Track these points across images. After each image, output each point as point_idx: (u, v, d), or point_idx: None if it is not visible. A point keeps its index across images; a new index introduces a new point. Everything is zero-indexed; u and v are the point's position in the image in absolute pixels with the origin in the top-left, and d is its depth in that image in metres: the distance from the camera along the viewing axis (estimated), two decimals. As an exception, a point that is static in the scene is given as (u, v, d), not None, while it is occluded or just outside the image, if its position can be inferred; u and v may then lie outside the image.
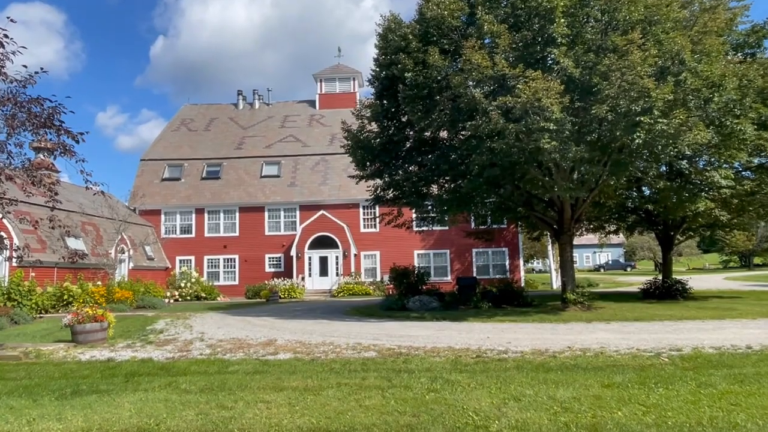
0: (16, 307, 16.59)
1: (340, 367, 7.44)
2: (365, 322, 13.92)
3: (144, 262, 28.86)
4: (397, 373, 7.01)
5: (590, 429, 4.67)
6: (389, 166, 16.88)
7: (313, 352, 8.83)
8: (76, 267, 22.41)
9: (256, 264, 31.69)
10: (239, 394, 5.97)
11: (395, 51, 14.90)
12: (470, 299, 17.64)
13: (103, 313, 10.85)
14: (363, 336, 10.87)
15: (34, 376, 7.49)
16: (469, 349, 8.84)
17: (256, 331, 11.99)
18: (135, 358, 8.63)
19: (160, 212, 32.51)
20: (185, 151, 35.31)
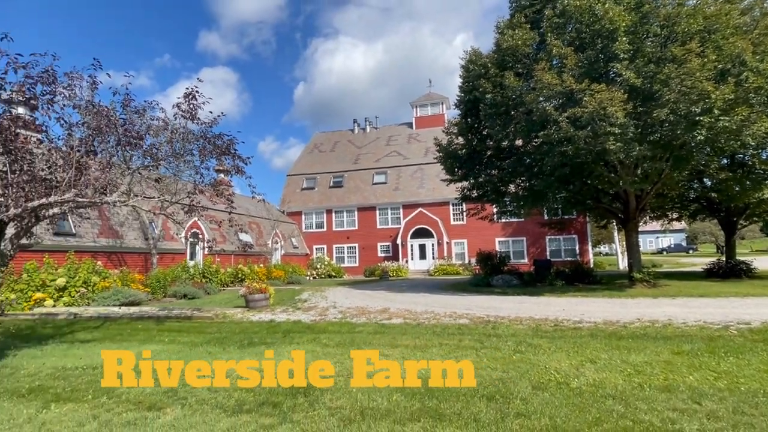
0: (207, 283, 18.44)
1: (440, 331, 7.37)
2: (458, 296, 13.69)
3: (291, 250, 30.79)
4: (487, 336, 6.80)
5: (663, 390, 4.18)
6: (473, 171, 16.40)
7: (418, 319, 8.83)
8: (245, 254, 24.49)
9: (371, 250, 32.50)
10: (366, 349, 6.13)
11: (476, 78, 14.43)
12: (545, 278, 16.65)
13: (265, 286, 11.72)
14: (457, 306, 10.69)
15: (222, 331, 8.18)
16: (547, 319, 8.35)
17: (374, 302, 12.26)
18: (289, 320, 9.16)
19: (301, 213, 34.53)
20: (317, 167, 37.11)
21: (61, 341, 7.51)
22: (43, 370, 5.66)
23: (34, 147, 6.27)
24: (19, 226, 6.15)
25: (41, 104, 6.13)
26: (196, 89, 7.19)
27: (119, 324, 9.34)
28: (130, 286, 14.59)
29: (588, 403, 3.90)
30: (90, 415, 4.02)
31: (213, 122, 7.52)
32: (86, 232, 15.65)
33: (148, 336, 7.81)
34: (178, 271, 17.24)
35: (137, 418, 3.89)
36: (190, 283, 16.67)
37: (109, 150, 7.04)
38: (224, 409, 4.02)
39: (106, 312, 10.83)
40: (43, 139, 6.73)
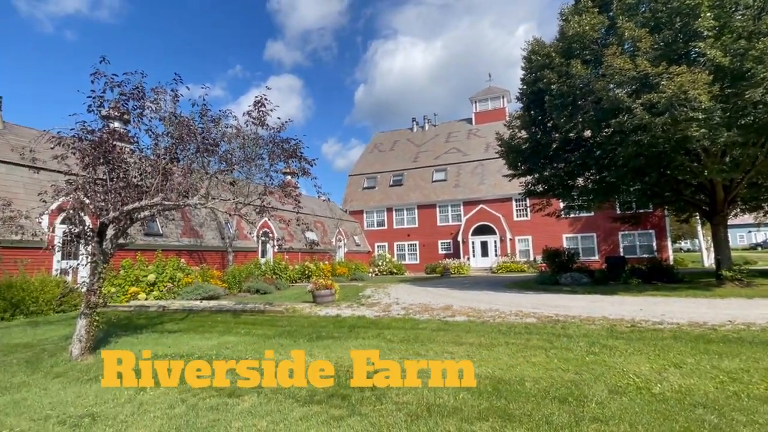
0: (277, 279, 19.36)
1: (506, 329, 7.13)
2: (523, 294, 13.19)
3: (353, 247, 31.45)
4: (556, 336, 6.48)
5: (765, 401, 3.73)
6: (538, 165, 15.69)
7: (483, 316, 8.62)
8: (311, 251, 25.41)
9: (431, 247, 32.31)
10: (429, 345, 6.10)
11: (539, 68, 13.78)
12: (619, 276, 15.54)
13: (331, 283, 12.06)
14: (523, 305, 10.30)
15: (292, 324, 8.55)
16: (623, 319, 7.77)
17: (436, 299, 12.16)
18: (354, 315, 9.35)
19: (362, 212, 35.14)
20: (377, 166, 37.54)
21: (153, 331, 8.25)
22: (139, 356, 6.25)
23: (128, 157, 6.94)
24: (117, 227, 6.83)
25: (133, 118, 6.78)
26: (265, 97, 7.57)
27: (201, 316, 10.07)
28: (209, 281, 15.70)
29: (674, 410, 3.57)
30: (178, 398, 4.37)
31: (281, 128, 7.88)
32: (171, 233, 17.08)
33: (226, 328, 8.36)
34: (251, 268, 18.27)
35: (219, 403, 4.17)
36: (262, 279, 17.60)
37: (190, 157, 7.61)
38: (296, 399, 4.19)
39: (189, 305, 11.74)
40: (135, 149, 7.43)
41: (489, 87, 38.47)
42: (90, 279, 6.67)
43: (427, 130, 40.65)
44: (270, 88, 7.76)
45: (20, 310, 10.93)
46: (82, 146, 6.58)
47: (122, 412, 4.06)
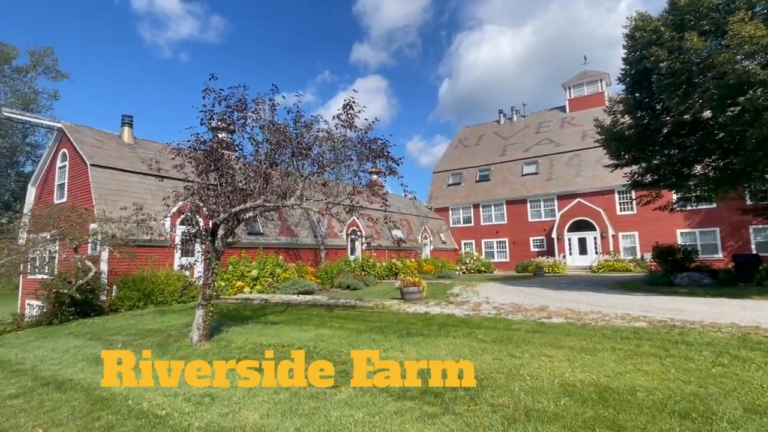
0: (366, 275, 19.99)
1: (611, 333, 6.55)
2: (629, 295, 12.01)
3: (439, 245, 31.27)
4: (673, 344, 5.79)
5: None
6: (645, 153, 14.13)
7: (583, 319, 8.02)
8: (398, 249, 25.78)
9: (522, 245, 30.87)
10: (524, 347, 5.84)
11: (645, 45, 12.39)
12: (751, 277, 13.45)
13: (419, 280, 12.14)
14: (629, 307, 9.39)
15: (382, 320, 8.72)
16: (759, 327, 6.69)
17: (529, 299, 11.61)
18: (443, 313, 9.29)
19: (448, 209, 34.78)
20: (462, 162, 36.86)
21: (257, 322, 9.02)
22: (247, 345, 6.88)
23: (234, 163, 7.67)
24: (226, 227, 7.59)
25: (237, 128, 7.47)
26: (353, 100, 7.86)
27: (298, 310, 10.78)
28: (304, 277, 16.74)
29: (834, 439, 3.00)
30: (282, 386, 4.73)
31: (368, 128, 8.11)
32: (270, 232, 18.51)
33: (321, 321, 8.84)
34: (342, 265, 19.11)
35: (318, 393, 4.43)
36: (352, 276, 18.31)
37: (286, 161, 8.18)
38: (390, 393, 4.29)
39: (287, 299, 12.63)
40: (239, 156, 8.16)
41: (584, 71, 35.63)
42: (204, 274, 7.51)
43: (515, 121, 38.90)
44: (357, 90, 8.02)
45: (150, 300, 12.67)
46: (197, 155, 7.43)
47: (236, 394, 4.51)
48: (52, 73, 31.90)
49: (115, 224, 12.02)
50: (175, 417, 3.93)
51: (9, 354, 7.17)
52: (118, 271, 13.11)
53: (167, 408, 4.17)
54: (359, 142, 8.04)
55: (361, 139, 8.04)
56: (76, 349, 7.25)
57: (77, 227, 12.32)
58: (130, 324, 9.55)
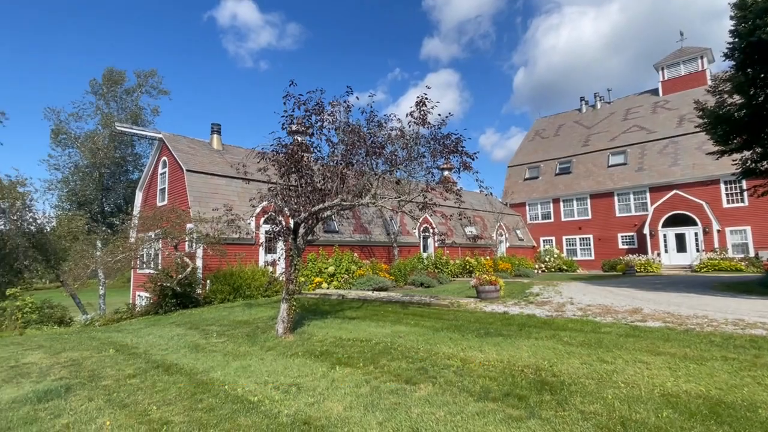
0: (439, 273, 19.86)
1: (721, 341, 5.84)
2: (741, 298, 10.62)
3: (516, 242, 30.12)
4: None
5: None
6: (759, 137, 12.40)
7: (685, 323, 7.24)
8: (471, 246, 25.27)
9: (609, 242, 28.66)
10: (616, 352, 5.42)
11: (759, 14, 10.85)
12: None
13: (495, 278, 11.79)
14: (743, 312, 8.30)
15: (458, 319, 8.63)
16: None
17: (619, 300, 10.74)
18: (522, 313, 8.94)
19: (524, 204, 33.34)
20: (540, 154, 35.12)
21: (336, 317, 9.37)
22: (327, 338, 7.17)
23: (313, 164, 8.02)
24: (306, 226, 7.97)
25: (315, 130, 7.80)
26: (425, 96, 7.83)
27: (374, 306, 11.00)
28: (378, 274, 17.05)
29: None
30: (362, 380, 4.86)
31: (441, 124, 8.04)
32: (345, 230, 19.11)
33: (397, 318, 8.95)
34: (415, 262, 19.17)
35: (398, 388, 4.49)
36: (425, 273, 18.29)
37: (360, 160, 8.38)
38: (471, 393, 4.23)
39: (363, 295, 12.95)
40: (317, 157, 8.51)
41: (681, 48, 32.10)
42: (287, 270, 7.95)
43: (599, 108, 36.19)
44: (430, 87, 8.03)
45: (239, 293, 13.71)
46: (278, 159, 7.88)
47: (320, 385, 4.72)
48: (155, 91, 35.75)
49: (208, 224, 13.18)
50: (266, 404, 4.22)
51: (126, 339, 8.17)
52: (210, 267, 14.35)
53: (258, 395, 4.48)
54: (432, 139, 8.00)
55: (434, 135, 7.99)
56: (178, 336, 8.05)
57: (177, 227, 13.70)
58: (222, 315, 10.40)
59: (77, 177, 31.92)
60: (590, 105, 37.12)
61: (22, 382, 5.30)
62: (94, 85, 33.57)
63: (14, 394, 4.80)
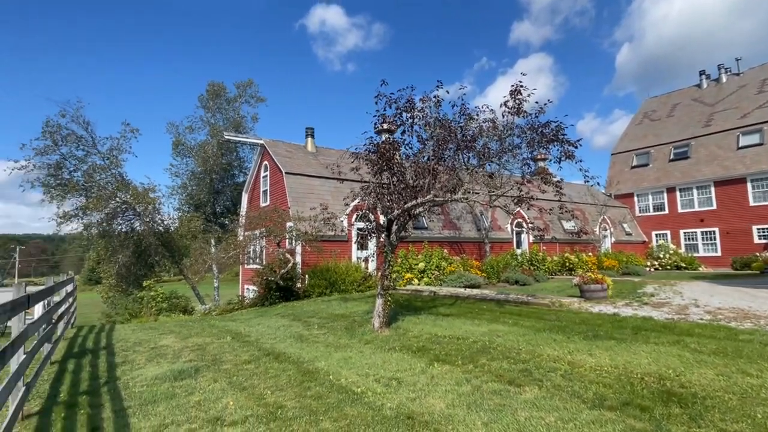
0: (535, 270, 18.87)
1: None
2: None
3: (623, 237, 27.49)
4: None
5: None
6: None
7: None
8: (570, 242, 23.64)
9: (741, 235, 24.80)
10: (762, 364, 4.65)
11: None
12: None
13: (602, 276, 10.86)
14: None
15: (561, 319, 8.10)
16: None
17: (759, 303, 9.22)
18: (636, 315, 8.11)
19: (632, 195, 30.26)
20: (650, 139, 31.58)
21: (429, 313, 9.38)
22: (422, 334, 7.21)
23: (404, 161, 8.10)
24: (399, 223, 8.08)
25: (405, 128, 7.87)
26: (521, 84, 7.45)
27: (467, 303, 10.82)
28: (469, 271, 16.72)
29: None
30: (462, 378, 4.80)
31: (539, 112, 7.59)
32: (434, 226, 19.05)
33: (493, 316, 8.69)
34: (508, 259, 18.47)
35: (501, 389, 4.35)
36: (519, 271, 17.52)
37: (451, 156, 8.26)
38: (583, 399, 3.95)
39: (455, 292, 12.80)
40: (409, 154, 8.57)
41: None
42: (382, 266, 8.14)
43: (724, 82, 31.45)
44: (525, 74, 7.57)
45: (335, 288, 14.38)
46: (371, 158, 8.09)
47: (419, 381, 4.76)
48: (253, 99, 38.97)
49: (306, 222, 14.02)
50: (369, 396, 4.36)
51: (239, 327, 9.03)
52: (308, 263, 15.26)
53: (361, 386, 4.65)
54: (529, 128, 7.59)
55: (531, 124, 7.58)
56: (284, 327, 8.69)
57: (278, 226, 14.80)
58: (321, 308, 11.00)
59: (193, 182, 36.07)
60: (712, 79, 32.42)
61: (161, 362, 6.13)
62: (202, 99, 37.57)
63: (156, 371, 5.56)
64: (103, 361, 6.33)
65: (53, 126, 18.45)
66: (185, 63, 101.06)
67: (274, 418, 3.83)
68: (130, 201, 19.07)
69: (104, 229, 19.14)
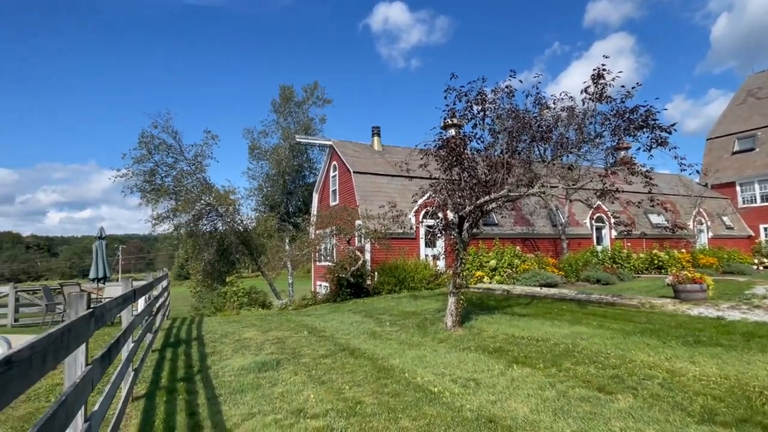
0: (619, 268, 17.51)
1: None
2: None
3: (722, 231, 24.65)
4: None
5: None
6: None
7: None
8: (659, 237, 21.68)
9: None
10: None
11: None
12: None
13: (700, 276, 9.81)
14: None
15: (653, 322, 7.43)
16: None
17: None
18: (746, 320, 7.20)
19: (733, 184, 27.02)
20: (755, 120, 27.95)
21: (503, 313, 9.06)
22: (498, 334, 6.98)
23: (476, 156, 7.88)
24: (471, 219, 7.88)
25: (477, 121, 7.64)
26: (603, 67, 6.89)
27: (544, 303, 10.30)
28: (545, 269, 15.93)
29: None
30: (546, 382, 4.55)
31: (626, 96, 6.97)
32: (505, 222, 18.40)
33: (574, 318, 8.19)
34: (588, 256, 17.33)
35: (590, 396, 4.07)
36: (600, 269, 16.36)
37: (526, 148, 7.89)
38: (688, 412, 3.56)
39: (530, 291, 12.26)
40: (481, 148, 8.32)
41: None
42: (454, 264, 8.00)
43: None
44: (608, 56, 6.99)
45: (404, 285, 14.43)
46: (440, 154, 7.97)
47: (498, 383, 4.60)
48: (320, 101, 40.33)
49: (375, 220, 14.21)
50: (446, 396, 4.29)
51: (314, 322, 9.38)
52: (377, 260, 15.46)
53: (438, 386, 4.59)
54: (614, 114, 7.01)
55: (616, 110, 6.99)
56: (356, 323, 8.87)
57: (348, 224, 15.15)
58: (391, 306, 11.08)
59: (268, 184, 38.18)
60: (837, 46, 27.92)
61: (245, 353, 6.53)
62: (275, 104, 39.59)
63: (242, 362, 5.93)
64: (195, 351, 6.88)
65: (147, 136, 20.47)
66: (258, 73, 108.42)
67: (353, 414, 3.90)
68: (213, 203, 20.60)
69: (191, 229, 20.87)
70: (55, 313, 10.92)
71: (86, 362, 2.32)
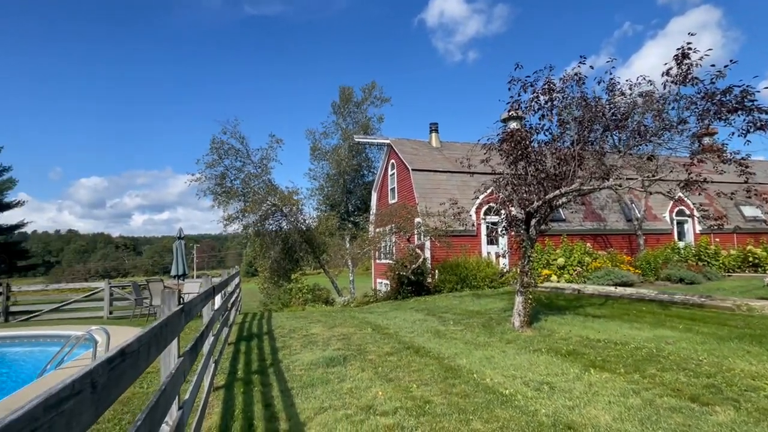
0: (705, 266, 16.00)
1: None
2: None
3: (833, 224, 21.62)
4: None
5: None
6: None
7: None
8: (754, 232, 19.52)
9: None
10: None
11: None
12: None
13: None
14: None
15: (752, 326, 6.71)
16: None
17: None
18: None
19: None
20: None
21: (575, 313, 8.59)
22: (571, 336, 6.63)
23: (544, 148, 7.53)
24: (538, 215, 7.55)
25: (545, 112, 7.29)
26: (689, 45, 6.26)
27: (620, 303, 9.64)
28: (619, 266, 14.92)
29: None
30: (628, 389, 4.24)
31: (717, 76, 6.29)
32: (573, 218, 17.46)
33: (656, 320, 7.58)
34: (668, 253, 16.01)
35: (681, 406, 3.73)
36: (684, 267, 15.03)
37: (598, 138, 7.41)
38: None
39: (604, 291, 11.53)
40: (544, 141, 7.95)
41: None
42: (521, 262, 7.70)
43: None
44: (693, 33, 6.32)
45: (465, 283, 14.17)
46: (504, 148, 7.69)
47: (575, 388, 4.35)
48: (378, 101, 40.69)
49: (435, 217, 14.08)
50: (519, 399, 4.14)
51: (378, 320, 9.47)
52: (437, 258, 15.32)
53: (509, 388, 4.44)
54: (702, 97, 6.36)
55: (705, 92, 6.34)
56: (419, 322, 8.84)
57: (407, 222, 15.16)
58: (454, 304, 10.92)
59: (328, 184, 39.22)
60: None
61: (313, 348, 6.73)
62: (334, 105, 40.52)
63: (310, 357, 6.12)
64: (267, 345, 7.21)
65: (217, 142, 21.78)
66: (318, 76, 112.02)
67: (423, 413, 3.87)
68: (278, 204, 21.51)
69: (258, 228, 21.94)
70: (142, 307, 11.96)
71: (179, 354, 2.50)
